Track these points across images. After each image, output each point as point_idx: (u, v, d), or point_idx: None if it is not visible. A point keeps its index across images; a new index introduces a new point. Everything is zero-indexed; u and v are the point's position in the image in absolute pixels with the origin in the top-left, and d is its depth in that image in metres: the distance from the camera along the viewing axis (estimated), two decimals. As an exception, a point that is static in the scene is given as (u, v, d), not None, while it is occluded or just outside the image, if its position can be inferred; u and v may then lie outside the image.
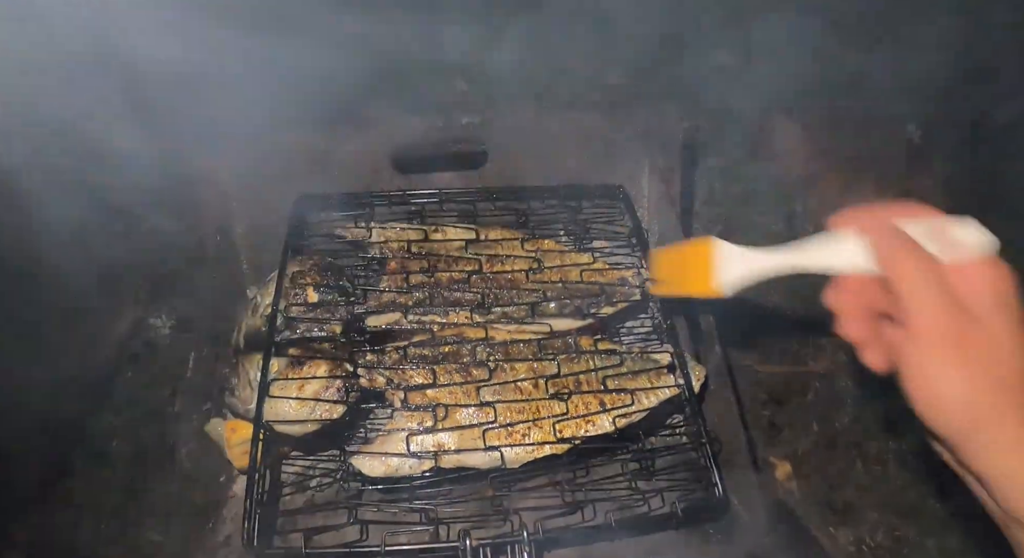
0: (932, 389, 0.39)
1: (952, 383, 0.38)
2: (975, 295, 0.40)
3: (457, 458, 0.60)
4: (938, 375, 0.39)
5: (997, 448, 0.38)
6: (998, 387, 0.38)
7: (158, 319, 1.19)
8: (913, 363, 0.39)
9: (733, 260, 0.49)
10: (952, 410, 0.39)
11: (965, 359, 0.38)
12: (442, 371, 0.64)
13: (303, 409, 0.62)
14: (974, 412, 0.38)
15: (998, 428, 0.38)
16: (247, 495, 0.58)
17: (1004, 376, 0.38)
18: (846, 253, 0.43)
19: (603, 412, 0.63)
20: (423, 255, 0.72)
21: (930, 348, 0.39)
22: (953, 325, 0.39)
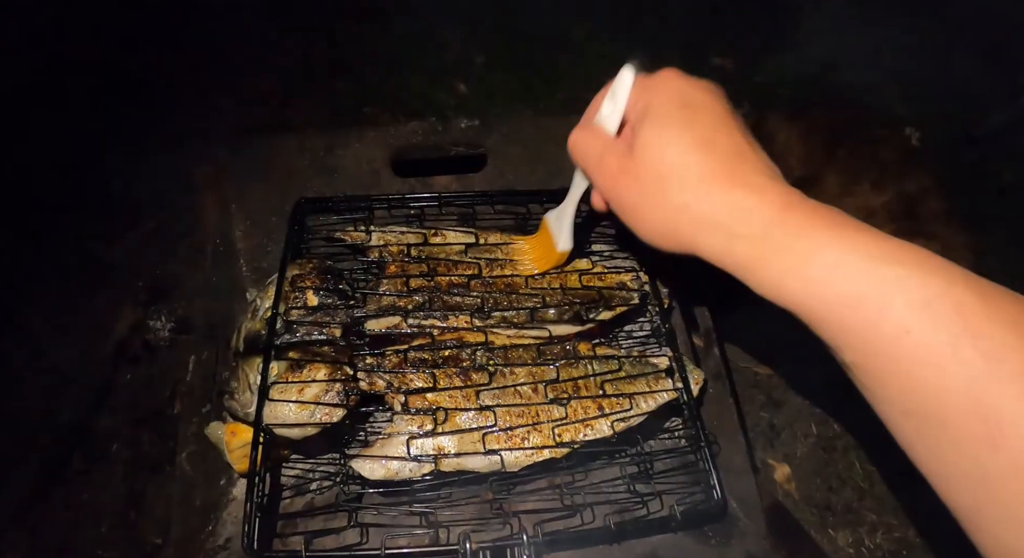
0: (641, 228, 0.45)
1: (644, 213, 0.44)
2: (629, 128, 0.47)
3: (457, 462, 0.60)
4: (633, 219, 0.45)
5: (713, 243, 0.41)
6: (677, 190, 0.42)
7: (157, 321, 1.19)
8: (621, 216, 0.47)
9: (555, 222, 0.65)
10: (660, 230, 0.44)
11: (636, 188, 0.44)
12: (442, 375, 0.64)
13: (303, 412, 0.62)
14: (670, 222, 0.43)
15: (702, 224, 0.41)
16: (247, 498, 0.58)
17: (671, 178, 0.42)
18: (579, 170, 0.55)
19: (602, 416, 0.63)
20: (423, 259, 0.73)
21: (616, 204, 0.46)
22: (616, 171, 0.45)
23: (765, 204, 0.39)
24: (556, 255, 0.67)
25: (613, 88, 0.48)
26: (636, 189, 0.44)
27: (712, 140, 0.42)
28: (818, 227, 0.38)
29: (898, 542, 0.96)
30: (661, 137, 0.43)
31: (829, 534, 0.96)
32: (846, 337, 0.36)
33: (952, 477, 0.35)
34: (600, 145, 0.47)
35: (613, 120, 0.49)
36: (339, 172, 0.87)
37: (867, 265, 0.35)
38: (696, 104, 0.44)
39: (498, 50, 1.56)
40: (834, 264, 0.36)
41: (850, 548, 0.95)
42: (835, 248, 0.37)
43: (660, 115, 0.43)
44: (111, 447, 1.07)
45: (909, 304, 0.34)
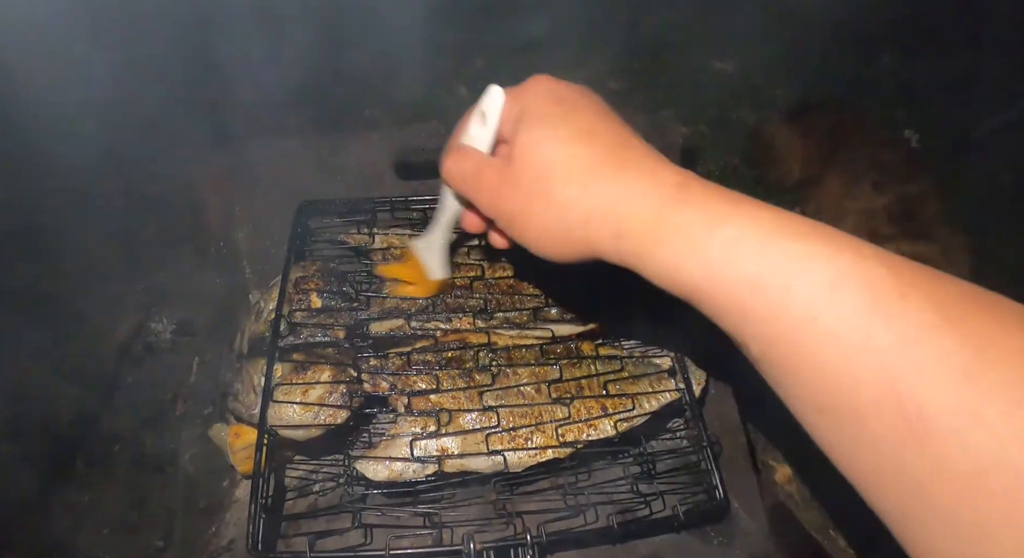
0: (536, 243, 0.41)
1: (535, 226, 0.40)
2: (505, 141, 0.44)
3: (460, 462, 0.60)
4: (526, 234, 0.41)
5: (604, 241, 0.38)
6: (558, 188, 0.39)
7: (159, 323, 1.19)
8: (511, 232, 0.43)
9: (423, 251, 0.62)
10: (555, 238, 0.40)
11: (522, 197, 0.40)
12: (445, 376, 0.64)
13: (307, 414, 0.62)
14: (563, 226, 0.39)
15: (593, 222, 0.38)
16: (251, 499, 0.58)
17: (554, 178, 0.39)
18: (447, 190, 0.52)
19: (605, 416, 0.63)
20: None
21: (504, 222, 0.43)
22: (498, 184, 0.42)
23: (658, 184, 0.36)
24: (432, 283, 0.65)
25: (481, 108, 0.45)
26: (519, 196, 0.40)
27: (592, 130, 0.39)
28: (716, 203, 0.35)
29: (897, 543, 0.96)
30: (538, 135, 0.40)
31: (830, 535, 0.96)
32: (749, 325, 0.32)
33: (875, 479, 0.31)
34: (475, 163, 0.44)
35: (485, 141, 0.46)
36: (342, 175, 0.87)
37: (768, 241, 0.32)
38: (571, 100, 0.42)
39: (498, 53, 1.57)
40: (733, 241, 0.33)
41: (851, 548, 0.95)
42: (734, 224, 0.33)
43: (534, 115, 0.41)
44: (112, 449, 1.07)
45: (815, 284, 0.30)
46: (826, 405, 0.31)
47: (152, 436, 1.08)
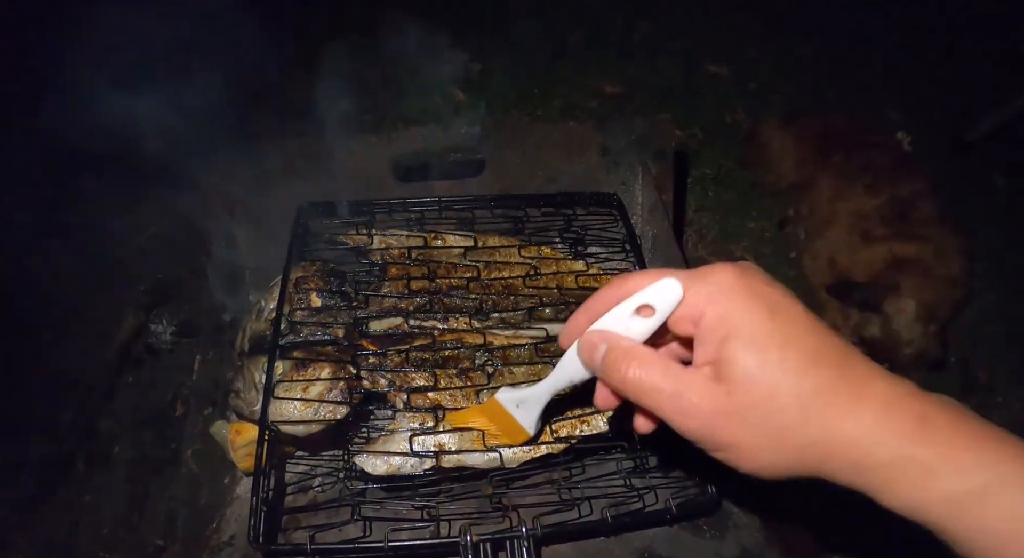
0: (750, 465, 0.38)
1: (758, 451, 0.37)
2: (702, 348, 0.39)
3: (457, 458, 0.61)
4: (739, 457, 0.38)
5: (843, 469, 0.36)
6: (799, 422, 0.36)
7: (159, 325, 1.21)
8: (713, 455, 0.39)
9: (520, 408, 0.57)
10: (780, 466, 0.38)
11: (748, 426, 0.37)
12: (442, 374, 0.66)
13: (308, 410, 0.63)
14: (798, 454, 0.37)
15: (833, 452, 0.36)
16: (253, 493, 0.59)
17: (793, 408, 0.36)
18: (579, 368, 0.46)
19: (598, 413, 0.64)
20: (423, 262, 0.74)
21: (709, 443, 0.39)
22: (706, 411, 0.37)
23: (899, 419, 0.35)
24: (523, 437, 0.59)
25: (647, 300, 0.40)
26: (744, 431, 0.37)
27: (819, 352, 0.37)
28: (957, 445, 0.35)
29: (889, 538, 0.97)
30: (767, 361, 0.36)
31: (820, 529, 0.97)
32: (986, 551, 0.34)
33: None
34: (671, 380, 0.38)
35: (643, 334, 0.41)
36: (341, 177, 0.88)
37: (1018, 497, 0.33)
38: (782, 309, 0.38)
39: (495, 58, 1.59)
40: (986, 487, 0.33)
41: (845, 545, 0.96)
42: (989, 466, 0.34)
43: (749, 333, 0.37)
44: (113, 449, 1.08)
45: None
46: None
47: (152, 436, 1.09)
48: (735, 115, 1.55)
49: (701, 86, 1.62)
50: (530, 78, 1.60)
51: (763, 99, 1.60)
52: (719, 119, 1.54)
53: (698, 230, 1.32)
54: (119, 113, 0.93)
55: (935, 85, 1.62)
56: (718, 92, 1.61)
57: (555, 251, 0.79)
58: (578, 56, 1.69)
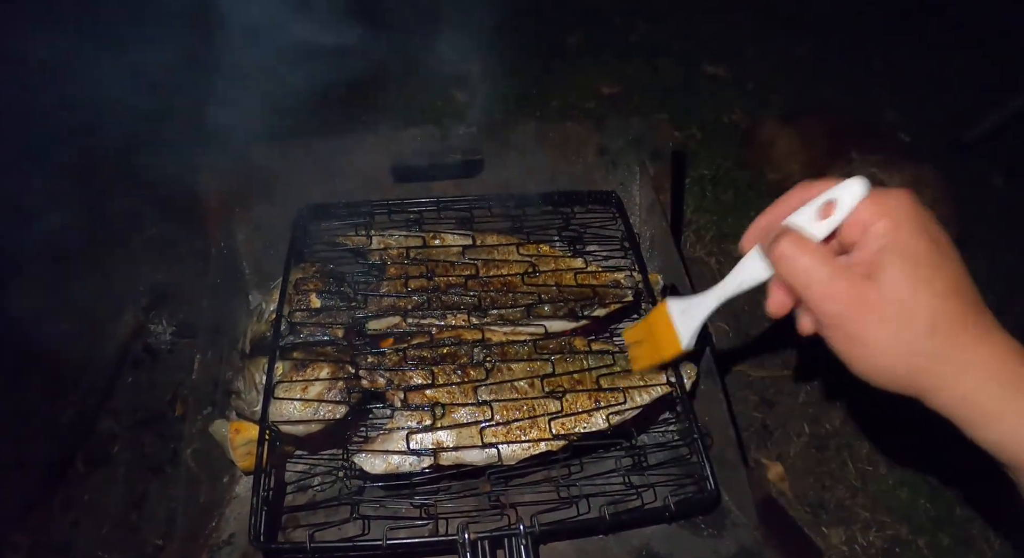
0: (867, 364, 0.41)
1: (880, 350, 0.40)
2: (864, 250, 0.42)
3: (456, 455, 0.62)
4: (861, 353, 0.41)
5: (951, 394, 0.40)
6: (925, 335, 0.39)
7: (159, 325, 1.21)
8: (840, 345, 0.42)
9: (684, 315, 0.54)
10: (894, 373, 0.41)
11: (879, 324, 0.40)
12: (440, 372, 0.66)
13: (307, 409, 0.64)
14: (913, 367, 0.40)
15: (945, 374, 0.40)
16: (253, 492, 0.59)
17: (925, 322, 0.39)
18: (754, 267, 0.47)
19: (597, 410, 0.65)
20: (422, 261, 0.75)
21: (840, 332, 0.42)
22: (852, 297, 0.41)
23: (1008, 362, 0.39)
24: (674, 351, 0.55)
25: (833, 196, 0.43)
26: (875, 327, 0.40)
27: (959, 287, 0.40)
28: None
29: (891, 539, 0.97)
30: (918, 277, 0.40)
31: (823, 531, 0.97)
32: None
33: None
34: (827, 265, 0.42)
35: (820, 231, 0.43)
36: (340, 178, 0.89)
37: None
38: (942, 243, 0.41)
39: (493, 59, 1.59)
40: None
41: (843, 546, 0.97)
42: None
43: (911, 251, 0.40)
44: (112, 449, 1.08)
45: None
46: None
47: (151, 436, 1.09)
48: (733, 115, 1.55)
49: (699, 86, 1.63)
50: (528, 78, 1.60)
51: (761, 99, 1.60)
52: (717, 119, 1.54)
53: (696, 230, 1.32)
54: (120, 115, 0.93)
55: (933, 85, 1.62)
56: (716, 92, 1.61)
57: (554, 249, 0.80)
58: (576, 57, 1.69)
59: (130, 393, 1.14)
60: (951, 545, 0.96)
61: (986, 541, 0.96)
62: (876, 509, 1.00)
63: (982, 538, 0.96)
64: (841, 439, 1.07)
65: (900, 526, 0.98)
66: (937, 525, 0.98)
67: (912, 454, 1.04)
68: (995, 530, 0.96)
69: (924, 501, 1.00)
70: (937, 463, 1.04)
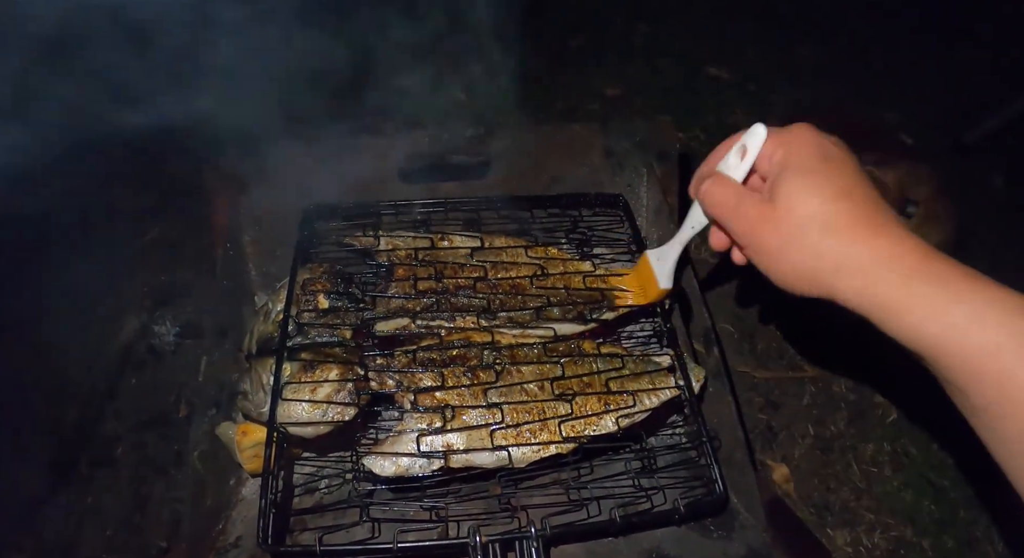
0: (777, 272, 0.47)
1: (784, 257, 0.46)
2: (769, 178, 0.48)
3: (466, 458, 0.61)
4: (770, 263, 0.47)
5: (855, 287, 0.42)
6: (822, 235, 0.43)
7: (162, 326, 1.21)
8: (755, 261, 0.48)
9: (659, 262, 0.67)
10: (799, 275, 0.45)
11: (779, 234, 0.45)
12: (450, 374, 0.66)
13: (316, 411, 0.63)
14: (814, 266, 0.44)
15: (846, 269, 0.43)
16: (262, 495, 0.59)
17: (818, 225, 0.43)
18: (700, 213, 0.57)
19: (606, 413, 0.65)
20: (430, 262, 0.74)
21: (752, 249, 0.48)
22: (756, 217, 0.47)
23: (907, 253, 0.41)
24: (657, 291, 0.68)
25: (744, 142, 0.50)
26: (777, 237, 0.45)
27: (852, 191, 0.44)
28: (958, 279, 0.40)
29: (895, 541, 0.97)
30: (806, 186, 0.45)
31: (827, 533, 0.98)
32: (976, 383, 0.39)
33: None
34: (735, 194, 0.49)
35: (741, 172, 0.51)
36: (347, 179, 0.88)
37: (1006, 317, 0.38)
38: (834, 158, 0.46)
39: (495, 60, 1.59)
40: (972, 315, 0.38)
41: (848, 547, 0.97)
42: (976, 299, 0.39)
43: (803, 167, 0.45)
44: (115, 451, 1.08)
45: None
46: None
47: (155, 437, 1.09)
48: (735, 116, 1.55)
49: (701, 88, 1.63)
50: (531, 80, 1.60)
51: (763, 100, 1.60)
52: (720, 120, 1.54)
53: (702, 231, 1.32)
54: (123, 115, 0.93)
55: (934, 86, 1.62)
56: (718, 93, 1.61)
57: (561, 252, 0.79)
58: (579, 58, 1.69)
59: (133, 394, 1.14)
60: (955, 547, 0.96)
61: (990, 543, 0.96)
62: (880, 511, 1.00)
63: (986, 540, 0.96)
64: (846, 441, 1.07)
65: (904, 528, 0.98)
66: (941, 527, 0.98)
67: (916, 456, 1.05)
68: (999, 532, 0.96)
69: (928, 503, 1.01)
70: (941, 465, 1.04)
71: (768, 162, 0.49)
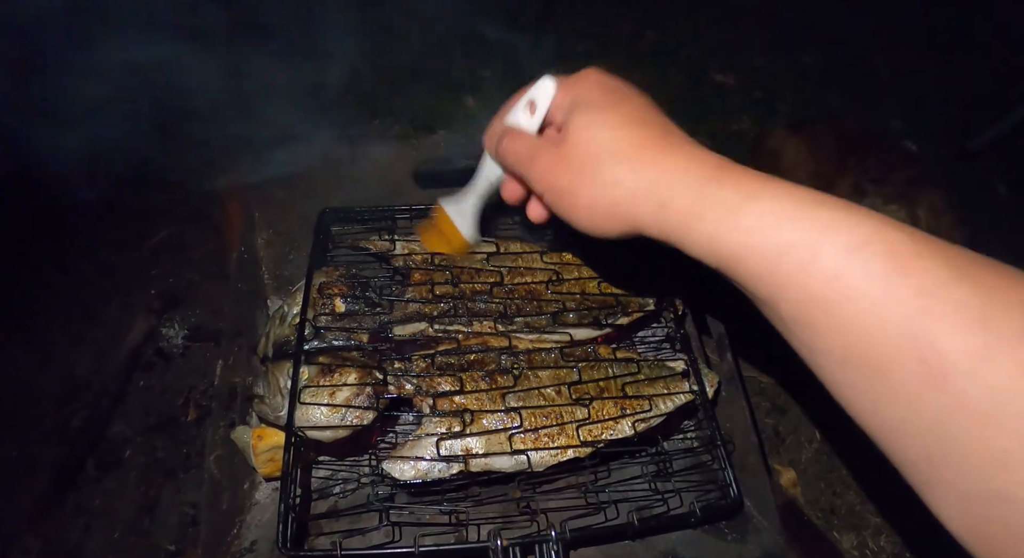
0: (577, 213, 0.45)
1: (581, 197, 0.43)
2: (561, 125, 0.47)
3: (485, 462, 0.62)
4: (569, 204, 0.45)
5: (652, 212, 0.41)
6: (611, 166, 0.42)
7: (171, 329, 1.21)
8: (557, 208, 0.46)
9: (460, 216, 0.64)
10: (602, 213, 0.43)
11: (572, 173, 0.44)
12: (468, 378, 0.66)
13: (334, 415, 0.64)
14: (611, 199, 0.42)
15: (641, 196, 0.41)
16: (280, 498, 0.59)
17: (606, 156, 0.42)
18: (493, 166, 0.56)
19: (623, 417, 0.65)
20: (447, 267, 0.75)
21: (550, 194, 0.46)
22: (549, 162, 0.45)
23: (698, 165, 0.40)
24: (463, 242, 0.65)
25: (531, 96, 0.50)
26: (570, 173, 0.44)
27: (641, 118, 0.43)
28: (750, 180, 0.38)
29: (902, 545, 0.98)
30: (591, 119, 0.43)
31: (834, 536, 0.98)
32: (779, 288, 0.35)
33: (896, 427, 0.33)
34: (530, 145, 0.48)
35: (533, 126, 0.50)
36: (361, 183, 0.89)
37: (798, 212, 0.35)
38: (621, 91, 0.46)
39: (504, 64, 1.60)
40: (767, 212, 0.36)
41: (855, 550, 0.97)
42: (767, 196, 0.36)
43: (587, 102, 0.45)
44: (124, 454, 1.08)
45: (839, 246, 0.33)
46: (850, 358, 0.33)
47: (164, 440, 1.09)
48: (741, 123, 1.56)
49: (707, 94, 1.64)
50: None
51: (769, 107, 1.61)
52: (726, 127, 1.55)
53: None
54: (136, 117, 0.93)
55: (938, 94, 1.64)
56: (724, 100, 1.62)
57: (575, 257, 0.80)
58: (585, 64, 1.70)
59: (142, 397, 1.14)
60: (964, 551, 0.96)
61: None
62: (887, 514, 1.01)
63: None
64: (852, 445, 1.08)
65: (911, 531, 0.99)
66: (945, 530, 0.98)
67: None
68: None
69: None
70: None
71: (560, 112, 0.47)
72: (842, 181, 1.29)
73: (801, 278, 0.34)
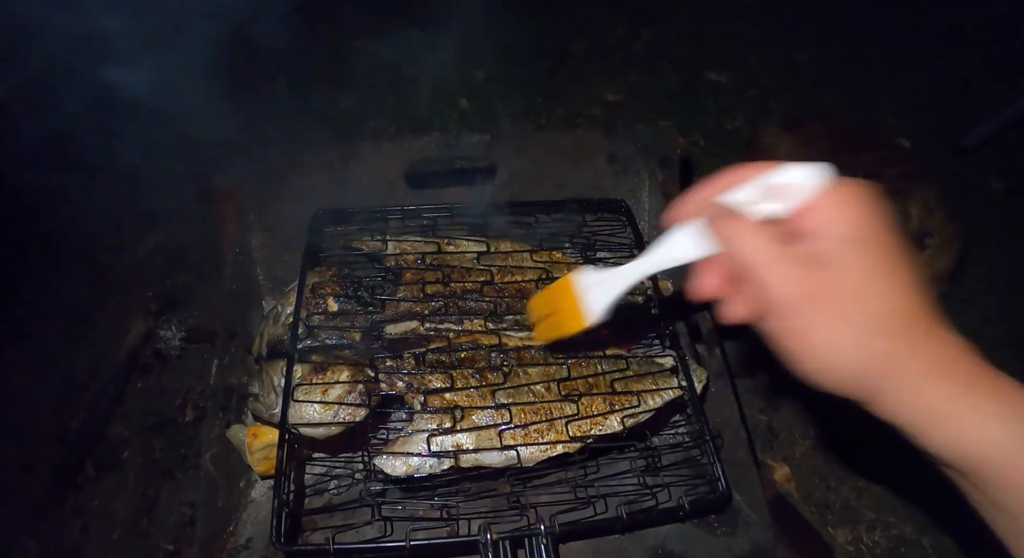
0: (814, 361, 0.38)
1: (830, 346, 0.37)
2: (822, 240, 0.38)
3: (475, 457, 0.63)
4: (807, 349, 0.38)
5: (901, 396, 0.37)
6: (879, 332, 0.37)
7: (168, 331, 1.22)
8: (785, 337, 0.38)
9: (595, 286, 0.50)
10: (843, 372, 0.38)
11: (833, 317, 0.37)
12: (459, 375, 0.67)
13: (327, 412, 0.64)
14: (864, 366, 0.37)
15: (896, 374, 0.37)
16: (275, 495, 0.60)
17: (880, 318, 0.37)
18: (688, 243, 0.43)
19: (612, 413, 0.66)
20: (438, 266, 0.76)
21: (793, 320, 0.38)
22: (806, 286, 0.37)
23: (962, 359, 0.37)
24: (577, 326, 0.51)
25: (781, 181, 0.40)
26: (821, 320, 0.37)
27: (916, 282, 0.38)
28: (1009, 393, 0.37)
29: (896, 539, 0.98)
30: (876, 270, 0.37)
31: (828, 532, 0.99)
32: (1014, 492, 0.36)
33: None
34: (773, 245, 0.38)
35: (767, 213, 0.40)
36: (354, 184, 0.90)
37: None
38: (898, 238, 0.39)
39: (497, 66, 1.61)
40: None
41: (849, 545, 0.98)
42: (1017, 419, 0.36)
43: (875, 243, 0.38)
44: (122, 454, 1.09)
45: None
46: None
47: (162, 441, 1.10)
48: (735, 122, 1.57)
49: (702, 93, 1.65)
50: (533, 86, 1.62)
51: (763, 106, 1.62)
52: (720, 126, 1.56)
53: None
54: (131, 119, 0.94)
55: (932, 91, 1.64)
56: (719, 99, 1.63)
57: (565, 256, 0.81)
58: (580, 64, 1.71)
59: (140, 399, 1.15)
60: (954, 545, 0.97)
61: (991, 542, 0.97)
62: (881, 509, 1.01)
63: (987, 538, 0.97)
64: (845, 440, 1.09)
65: (904, 526, 0.99)
66: (941, 525, 0.99)
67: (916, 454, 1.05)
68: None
69: (928, 501, 1.02)
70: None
71: (821, 220, 0.39)
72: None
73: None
